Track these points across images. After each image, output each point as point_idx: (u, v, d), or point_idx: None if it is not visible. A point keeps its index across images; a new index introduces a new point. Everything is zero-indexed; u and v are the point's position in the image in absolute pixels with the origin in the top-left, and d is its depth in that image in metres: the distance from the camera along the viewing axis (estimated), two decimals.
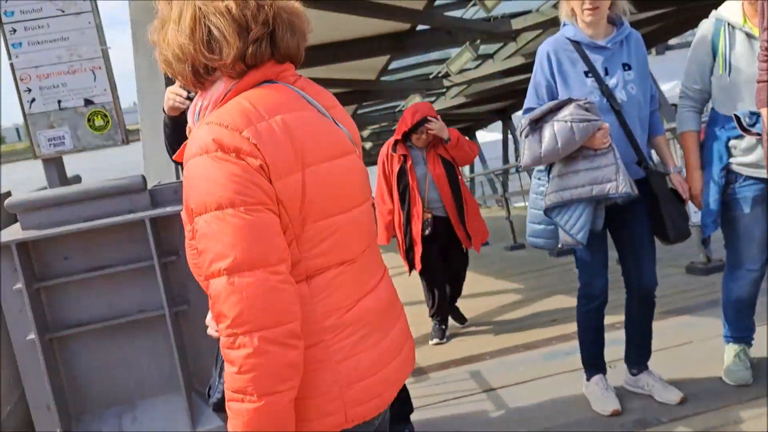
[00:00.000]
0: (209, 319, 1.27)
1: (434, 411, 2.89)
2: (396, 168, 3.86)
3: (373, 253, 1.27)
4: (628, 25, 2.42)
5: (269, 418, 1.03)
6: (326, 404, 1.12)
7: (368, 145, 20.62)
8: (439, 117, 3.79)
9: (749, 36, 2.29)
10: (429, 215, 3.82)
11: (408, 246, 3.87)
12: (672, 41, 13.06)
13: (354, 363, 1.14)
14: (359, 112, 14.38)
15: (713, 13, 2.41)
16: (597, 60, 2.37)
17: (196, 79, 1.14)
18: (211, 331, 1.25)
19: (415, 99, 13.55)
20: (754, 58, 2.26)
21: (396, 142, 3.84)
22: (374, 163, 4.14)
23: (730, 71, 2.33)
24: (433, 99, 14.08)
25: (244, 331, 1.01)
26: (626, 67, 2.39)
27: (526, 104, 2.43)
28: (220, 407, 1.16)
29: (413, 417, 2.64)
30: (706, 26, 2.42)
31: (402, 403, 2.60)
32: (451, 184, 3.81)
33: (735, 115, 2.30)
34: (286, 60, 1.17)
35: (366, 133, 18.37)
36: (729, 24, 2.33)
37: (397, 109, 15.24)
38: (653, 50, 27.75)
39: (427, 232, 3.80)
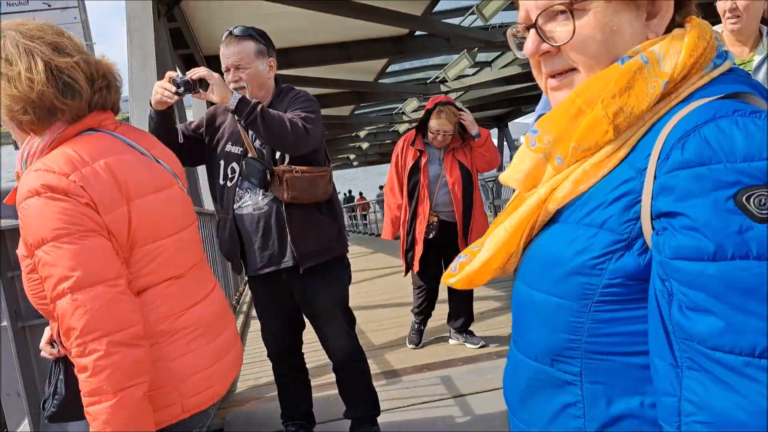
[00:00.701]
0: (43, 344, 1.41)
1: (402, 414, 2.93)
2: (409, 163, 3.73)
3: (201, 269, 1.46)
4: None
5: (126, 411, 1.15)
6: (164, 397, 1.27)
7: (365, 145, 20.66)
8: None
9: None
10: (435, 218, 3.69)
11: (409, 245, 3.77)
12: None
13: (186, 360, 1.31)
14: (357, 112, 14.42)
15: None
16: None
17: (42, 123, 1.25)
18: (45, 353, 1.40)
19: (413, 103, 13.62)
20: None
21: (415, 135, 3.73)
22: (371, 162, 4.19)
23: None
24: None
25: (92, 338, 1.14)
26: None
27: (540, 109, 2.42)
28: (53, 419, 1.35)
29: (381, 419, 2.68)
30: None
31: (370, 406, 2.65)
32: (465, 192, 3.69)
33: None
34: (109, 108, 1.35)
35: (363, 133, 18.41)
36: None
37: (394, 112, 15.28)
38: None
39: (431, 235, 3.69)
